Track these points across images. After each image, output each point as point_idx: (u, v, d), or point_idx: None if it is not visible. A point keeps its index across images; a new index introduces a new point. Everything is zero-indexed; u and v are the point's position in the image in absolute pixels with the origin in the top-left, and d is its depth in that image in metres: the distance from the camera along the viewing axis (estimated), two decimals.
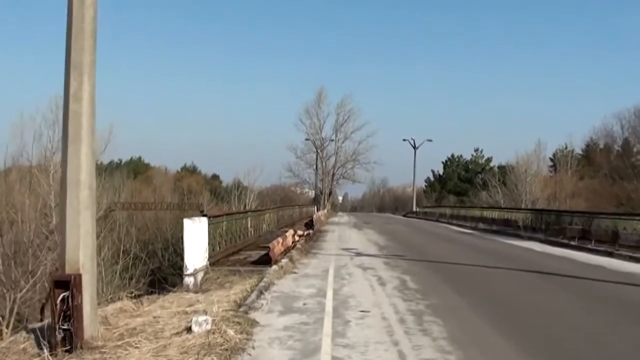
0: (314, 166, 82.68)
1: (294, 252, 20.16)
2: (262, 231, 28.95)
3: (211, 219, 17.09)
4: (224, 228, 18.82)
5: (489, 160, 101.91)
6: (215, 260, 17.40)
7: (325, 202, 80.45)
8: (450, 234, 36.20)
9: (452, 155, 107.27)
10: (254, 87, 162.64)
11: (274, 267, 15.89)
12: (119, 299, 11.98)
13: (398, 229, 42.12)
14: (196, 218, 15.30)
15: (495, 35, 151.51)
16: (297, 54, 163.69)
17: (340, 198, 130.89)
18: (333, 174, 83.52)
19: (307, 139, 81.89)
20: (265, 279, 13.87)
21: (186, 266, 14.50)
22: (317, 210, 65.73)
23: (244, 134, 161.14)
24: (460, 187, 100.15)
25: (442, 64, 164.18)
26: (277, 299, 12.09)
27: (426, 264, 18.83)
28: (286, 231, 24.11)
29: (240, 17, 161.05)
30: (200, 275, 14.97)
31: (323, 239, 30.16)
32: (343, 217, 68.14)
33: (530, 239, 30.59)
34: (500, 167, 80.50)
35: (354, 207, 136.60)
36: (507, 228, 37.38)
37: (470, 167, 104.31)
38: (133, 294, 12.31)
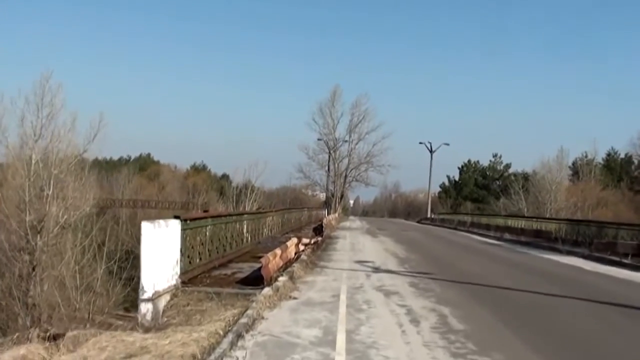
0: (326, 167, 78.85)
1: (296, 266, 16.15)
2: (262, 237, 24.95)
3: (188, 222, 13.10)
4: (207, 234, 14.82)
5: (507, 166, 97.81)
6: (193, 276, 13.43)
7: (337, 205, 76.40)
8: (476, 245, 32.03)
9: (469, 161, 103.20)
10: (269, 88, 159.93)
11: (267, 289, 11.87)
12: (27, 339, 8.07)
13: (416, 237, 37.99)
14: (161, 221, 11.29)
15: (515, 41, 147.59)
16: (313, 55, 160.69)
17: (352, 202, 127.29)
18: (345, 176, 79.50)
19: (319, 139, 78.16)
20: (249, 311, 9.87)
21: (143, 287, 10.52)
22: (327, 214, 61.77)
23: (257, 134, 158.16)
24: (477, 193, 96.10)
25: (458, 69, 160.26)
26: (262, 349, 8.02)
27: (463, 286, 14.77)
28: (291, 238, 20.06)
29: (254, 17, 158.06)
30: (163, 300, 11.01)
31: (333, 248, 26.13)
32: (355, 222, 64.07)
33: (569, 253, 26.47)
34: (519, 174, 76.37)
35: (365, 212, 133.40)
36: (539, 240, 33.28)
37: (488, 173, 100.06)
38: (49, 334, 8.37)
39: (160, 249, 11.04)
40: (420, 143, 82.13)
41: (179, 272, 12.11)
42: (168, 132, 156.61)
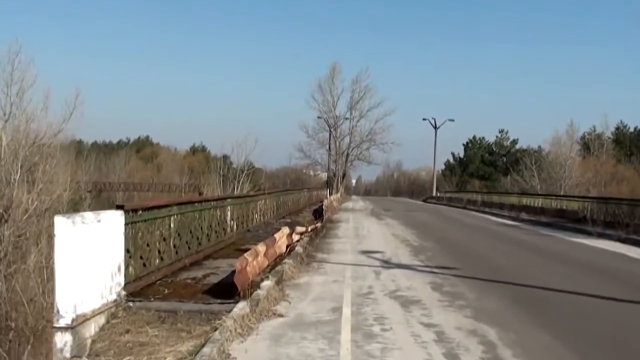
0: (327, 146, 75.42)
1: (287, 263, 12.92)
2: (253, 224, 21.69)
3: (139, 213, 9.83)
4: (171, 226, 11.56)
5: (514, 142, 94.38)
6: (149, 283, 10.19)
7: (339, 185, 73.09)
8: (494, 228, 28.72)
9: (474, 137, 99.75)
10: (269, 69, 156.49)
11: (241, 304, 8.60)
12: None
13: (426, 218, 34.71)
14: (89, 214, 7.99)
15: (523, 13, 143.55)
16: (312, 30, 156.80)
17: (354, 181, 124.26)
18: (347, 155, 76.01)
19: (319, 117, 74.65)
20: (206, 348, 6.63)
21: (57, 310, 7.27)
22: (329, 194, 58.49)
23: (258, 114, 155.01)
24: (483, 170, 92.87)
25: (461, 41, 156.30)
26: None
27: (499, 289, 11.52)
28: (281, 228, 16.77)
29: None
30: (94, 326, 7.78)
31: (334, 234, 22.88)
32: (358, 202, 60.79)
33: (601, 236, 23.28)
34: (531, 150, 73.08)
35: (367, 191, 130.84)
36: (561, 220, 30.00)
37: (494, 149, 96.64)
38: None
39: (90, 253, 7.78)
40: (424, 119, 78.44)
41: (122, 282, 8.86)
42: (170, 114, 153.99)
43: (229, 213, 17.15)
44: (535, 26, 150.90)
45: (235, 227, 18.08)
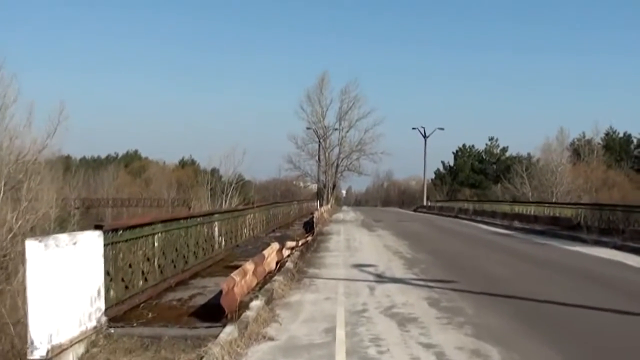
0: (317, 157, 75.11)
1: (278, 281, 12.44)
2: (242, 239, 21.17)
3: (120, 232, 9.34)
4: (155, 244, 11.07)
5: (504, 150, 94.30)
6: (132, 306, 9.68)
7: (329, 196, 72.66)
8: (487, 237, 28.29)
9: (464, 145, 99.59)
10: (258, 80, 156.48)
11: (229, 328, 8.11)
12: None
13: (417, 228, 34.26)
14: (63, 236, 7.47)
15: (508, 18, 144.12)
16: (300, 40, 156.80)
17: (344, 192, 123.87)
18: (337, 166, 75.73)
19: (308, 128, 74.44)
20: None
21: (31, 341, 6.76)
22: (319, 206, 58.02)
23: (247, 126, 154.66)
24: (473, 178, 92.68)
25: (450, 50, 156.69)
26: None
27: (499, 303, 11.07)
28: (271, 244, 16.28)
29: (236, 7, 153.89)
30: (72, 356, 7.28)
31: (326, 247, 22.40)
32: (349, 213, 60.28)
33: (597, 243, 22.86)
34: (522, 157, 72.95)
35: (357, 201, 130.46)
36: (555, 228, 29.62)
37: (484, 157, 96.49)
38: None
39: (65, 278, 7.28)
40: (414, 129, 78.54)
41: (103, 307, 8.36)
42: (159, 128, 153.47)
43: (216, 229, 16.64)
44: (524, 35, 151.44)
45: (223, 243, 17.57)
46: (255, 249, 19.11)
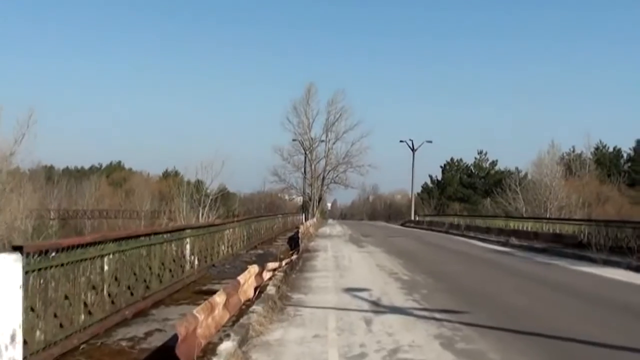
0: (302, 169, 73.15)
1: (256, 312, 10.30)
2: (218, 257, 18.96)
3: (50, 256, 7.19)
4: (105, 268, 8.93)
5: (494, 163, 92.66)
6: (66, 350, 7.53)
7: (315, 209, 70.58)
8: (486, 256, 26.18)
9: (452, 159, 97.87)
10: (243, 91, 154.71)
11: None
12: None
13: (409, 245, 32.16)
14: None
15: (499, 30, 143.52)
16: (286, 52, 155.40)
17: (329, 205, 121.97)
18: (323, 178, 73.71)
19: (294, 140, 72.50)
20: None
21: None
22: (305, 220, 55.91)
23: (232, 139, 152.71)
24: (462, 192, 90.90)
25: (438, 63, 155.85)
26: None
27: (526, 343, 8.98)
28: (248, 268, 14.10)
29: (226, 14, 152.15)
30: None
31: (312, 266, 20.28)
32: (335, 227, 58.18)
33: (607, 263, 20.95)
34: (515, 172, 71.33)
35: (343, 215, 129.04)
36: (557, 246, 27.69)
37: (473, 171, 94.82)
38: None
39: None
40: (401, 141, 76.81)
41: (20, 357, 6.22)
42: (144, 140, 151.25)
43: (187, 246, 14.45)
44: (512, 47, 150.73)
45: (196, 262, 15.36)
46: (233, 268, 17.09)
